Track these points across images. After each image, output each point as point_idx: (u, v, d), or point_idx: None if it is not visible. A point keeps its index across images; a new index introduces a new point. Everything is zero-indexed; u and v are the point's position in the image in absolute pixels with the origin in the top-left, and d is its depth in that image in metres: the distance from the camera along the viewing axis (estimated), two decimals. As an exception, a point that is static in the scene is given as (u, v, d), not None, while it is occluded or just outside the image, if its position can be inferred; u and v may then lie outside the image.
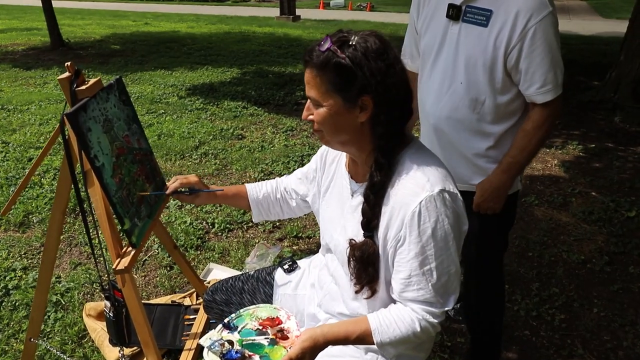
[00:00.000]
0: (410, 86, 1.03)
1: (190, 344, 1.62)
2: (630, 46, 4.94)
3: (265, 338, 1.14)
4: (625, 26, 5.11)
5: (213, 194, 1.38)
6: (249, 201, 1.40)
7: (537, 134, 1.37)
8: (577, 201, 3.16)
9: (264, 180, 1.57)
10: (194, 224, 2.86)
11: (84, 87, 1.20)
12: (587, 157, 3.87)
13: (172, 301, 2.12)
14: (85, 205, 1.33)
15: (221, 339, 1.13)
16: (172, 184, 1.35)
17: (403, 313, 1.05)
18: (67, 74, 1.18)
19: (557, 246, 2.66)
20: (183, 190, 1.36)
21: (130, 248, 1.28)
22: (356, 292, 1.11)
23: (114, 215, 1.25)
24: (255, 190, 1.41)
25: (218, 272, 2.42)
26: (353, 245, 1.08)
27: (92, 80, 1.23)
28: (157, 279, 2.42)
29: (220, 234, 2.80)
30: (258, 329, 1.17)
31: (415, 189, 0.99)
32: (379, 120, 1.00)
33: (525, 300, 2.23)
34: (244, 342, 1.13)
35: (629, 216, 2.93)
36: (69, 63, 1.17)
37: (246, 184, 1.42)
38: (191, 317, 1.96)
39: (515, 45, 1.28)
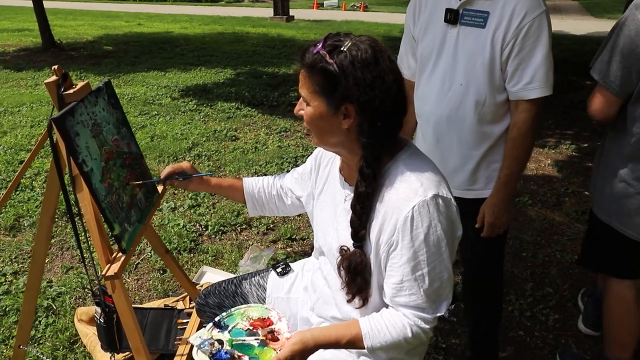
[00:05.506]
0: (406, 96, 1.01)
1: (182, 349, 1.60)
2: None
3: (256, 339, 1.13)
4: (616, 26, 5.13)
5: (207, 182, 1.38)
6: (244, 194, 1.40)
7: (524, 141, 1.41)
8: (570, 201, 3.17)
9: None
10: (187, 226, 2.84)
11: (71, 90, 1.18)
12: (580, 157, 3.89)
13: (165, 305, 2.10)
14: (74, 210, 1.31)
15: (211, 338, 1.13)
16: (165, 171, 1.34)
17: (394, 318, 1.04)
18: (54, 77, 1.16)
19: (550, 246, 2.67)
20: (176, 177, 1.35)
21: (120, 254, 1.26)
22: (348, 302, 1.10)
23: (104, 221, 1.23)
24: (252, 184, 1.40)
25: (211, 275, 2.40)
26: (343, 255, 1.08)
27: (80, 84, 1.21)
28: (150, 282, 2.40)
29: (213, 236, 2.78)
30: (249, 329, 1.16)
31: (409, 194, 0.99)
32: (362, 130, 0.99)
33: (520, 301, 2.24)
34: (234, 342, 1.13)
35: (622, 215, 2.94)
36: (56, 66, 1.15)
37: (244, 178, 1.42)
38: (184, 320, 1.94)
39: (509, 42, 1.32)
